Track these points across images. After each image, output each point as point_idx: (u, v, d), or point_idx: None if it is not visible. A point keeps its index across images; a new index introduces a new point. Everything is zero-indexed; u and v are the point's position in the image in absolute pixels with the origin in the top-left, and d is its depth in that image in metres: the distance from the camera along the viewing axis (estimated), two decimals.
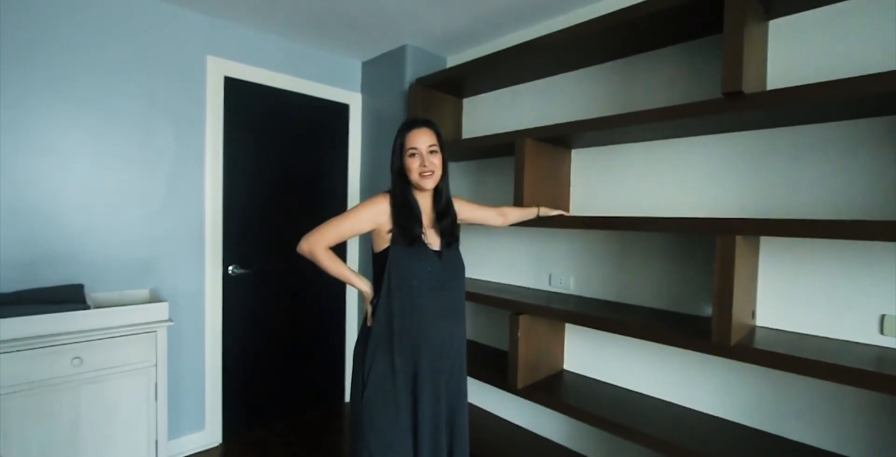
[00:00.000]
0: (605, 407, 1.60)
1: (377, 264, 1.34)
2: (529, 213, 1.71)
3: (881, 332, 1.24)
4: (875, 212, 1.25)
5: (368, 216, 1.30)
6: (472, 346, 2.32)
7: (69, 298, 1.66)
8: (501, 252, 2.26)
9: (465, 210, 1.57)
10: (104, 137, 1.85)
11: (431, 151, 1.32)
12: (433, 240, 1.36)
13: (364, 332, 1.35)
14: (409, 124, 1.35)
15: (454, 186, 2.52)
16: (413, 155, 1.31)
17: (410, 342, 1.28)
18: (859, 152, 1.28)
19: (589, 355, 1.90)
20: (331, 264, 1.31)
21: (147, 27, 1.93)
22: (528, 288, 2.11)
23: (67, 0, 1.74)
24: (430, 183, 1.32)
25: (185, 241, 2.07)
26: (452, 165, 2.54)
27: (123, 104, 1.89)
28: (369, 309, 1.34)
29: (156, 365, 1.67)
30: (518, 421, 2.19)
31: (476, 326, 2.40)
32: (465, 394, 1.43)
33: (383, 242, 1.31)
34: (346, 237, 1.32)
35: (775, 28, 1.42)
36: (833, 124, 1.32)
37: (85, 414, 1.53)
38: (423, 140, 1.31)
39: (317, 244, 1.29)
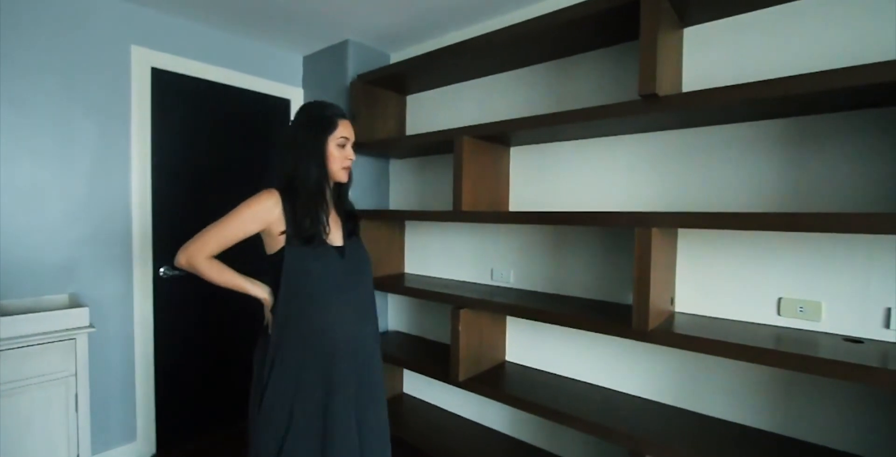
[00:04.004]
0: (543, 395, 1.66)
1: (272, 268, 1.21)
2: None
3: (778, 313, 1.37)
4: (774, 204, 1.38)
5: (255, 216, 1.16)
6: (417, 340, 2.34)
7: None
8: (445, 248, 2.29)
9: None
10: (14, 131, 1.70)
11: (352, 145, 1.30)
12: (335, 235, 1.27)
13: (264, 340, 1.24)
14: (339, 111, 1.28)
15: (398, 183, 2.53)
16: (343, 145, 1.26)
17: (317, 350, 1.19)
18: (761, 151, 1.41)
19: (529, 346, 1.97)
20: (217, 275, 1.19)
21: (65, 14, 1.79)
22: (472, 283, 2.15)
23: None
24: (346, 176, 1.29)
25: (111, 241, 1.95)
26: (396, 163, 2.55)
27: (37, 96, 1.74)
28: (270, 317, 1.24)
29: (75, 374, 1.57)
30: (463, 413, 2.24)
31: (420, 321, 2.42)
32: (380, 394, 1.35)
33: (276, 243, 1.19)
34: (232, 243, 1.18)
35: (690, 35, 1.53)
36: (740, 125, 1.44)
37: None
38: (352, 132, 1.28)
39: (196, 255, 1.15)
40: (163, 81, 2.08)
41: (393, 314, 2.57)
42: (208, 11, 2.04)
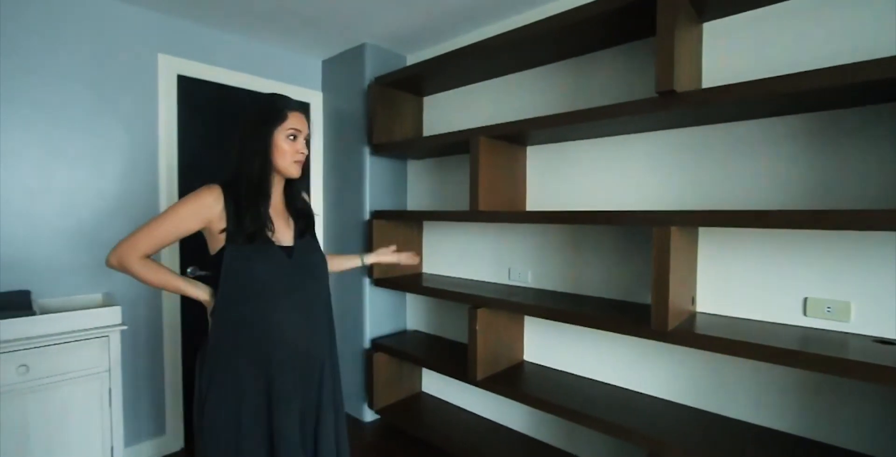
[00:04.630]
0: (561, 395, 1.66)
1: (214, 269, 1.13)
2: (352, 261, 1.55)
3: (804, 313, 1.34)
4: (799, 202, 1.34)
5: (192, 213, 1.09)
6: (435, 339, 2.36)
7: (14, 304, 1.60)
8: (463, 248, 2.30)
9: None
10: (50, 138, 1.79)
11: (306, 139, 1.22)
12: (283, 234, 1.19)
13: (205, 346, 1.15)
14: (291, 104, 1.19)
15: (416, 184, 2.55)
16: (293, 137, 1.17)
17: (259, 356, 1.11)
18: (783, 147, 1.37)
19: (547, 345, 1.97)
20: (151, 276, 1.10)
21: (94, 25, 1.87)
22: (489, 282, 2.15)
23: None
24: (299, 172, 1.21)
25: None
26: (414, 163, 2.57)
27: (70, 104, 1.83)
28: (212, 322, 1.16)
29: (109, 370, 1.64)
30: (481, 412, 2.25)
31: (439, 321, 2.43)
32: (339, 404, 1.28)
33: (217, 242, 1.12)
34: (168, 242, 1.10)
35: (710, 30, 1.50)
36: (761, 121, 1.41)
37: (34, 423, 1.48)
38: (304, 125, 1.20)
39: (128, 255, 1.07)
40: (188, 88, 2.15)
41: (411, 314, 2.59)
42: (231, 19, 2.10)
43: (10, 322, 1.45)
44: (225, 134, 2.30)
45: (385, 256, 1.62)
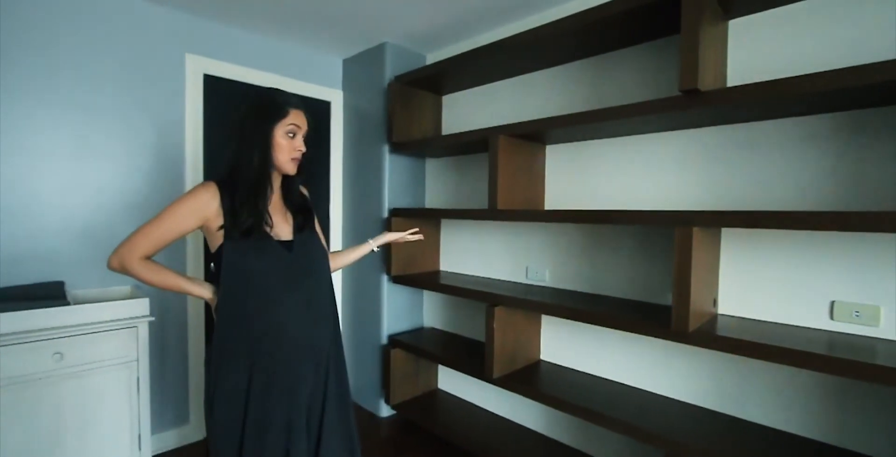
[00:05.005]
0: (579, 395, 1.65)
1: (216, 266, 1.13)
2: (363, 249, 1.52)
3: (831, 317, 1.31)
4: (825, 203, 1.31)
5: (189, 212, 1.09)
6: (451, 337, 2.38)
7: (49, 294, 1.68)
8: (481, 246, 2.30)
9: None
10: (84, 134, 1.86)
11: (304, 136, 1.21)
12: (282, 229, 1.19)
13: (210, 343, 1.16)
14: (292, 100, 1.18)
15: (434, 182, 2.56)
16: (292, 134, 1.17)
17: (263, 350, 1.11)
18: (808, 147, 1.34)
19: (564, 345, 1.96)
20: (153, 276, 1.10)
21: (125, 25, 1.94)
22: (507, 281, 2.16)
23: (45, 0, 1.75)
24: (296, 168, 1.20)
25: None
26: (432, 161, 2.58)
27: (103, 102, 1.90)
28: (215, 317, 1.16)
29: (137, 360, 1.70)
30: (497, 410, 2.25)
31: (456, 318, 2.45)
32: (345, 398, 1.27)
33: (216, 239, 1.12)
34: (167, 242, 1.10)
35: (735, 27, 1.48)
36: (786, 121, 1.38)
37: (67, 408, 1.55)
38: (304, 122, 1.19)
39: (128, 257, 1.07)
40: (214, 87, 2.21)
41: (428, 311, 2.61)
42: (256, 19, 2.14)
43: (46, 312, 1.52)
44: None
45: (392, 235, 1.56)
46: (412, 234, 1.59)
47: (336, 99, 2.67)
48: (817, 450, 1.28)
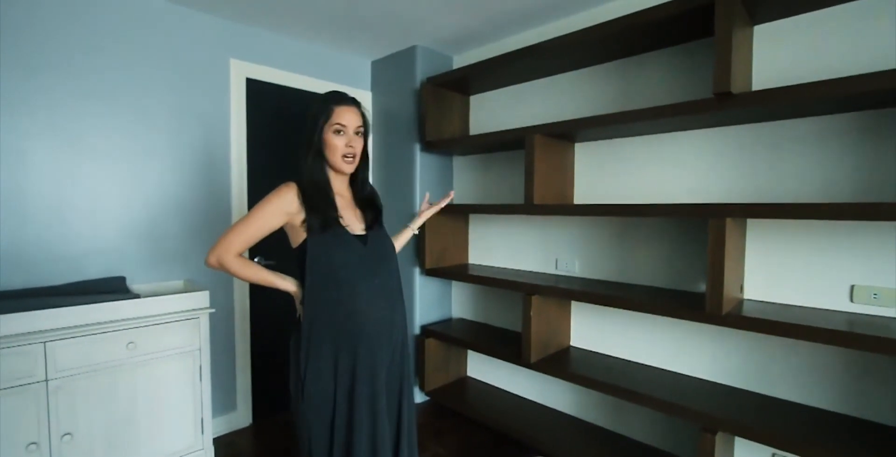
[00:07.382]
0: (612, 376, 1.78)
1: (299, 261, 1.23)
2: (405, 235, 1.63)
3: (851, 300, 1.43)
4: (844, 194, 1.43)
5: (276, 210, 1.18)
6: (481, 326, 2.50)
7: (114, 288, 1.79)
8: (511, 240, 2.42)
9: None
10: (138, 137, 1.96)
11: (357, 133, 1.26)
12: (353, 224, 1.27)
13: (297, 333, 1.25)
14: (337, 98, 1.25)
15: (461, 178, 2.67)
16: (340, 132, 1.23)
17: (346, 337, 1.20)
18: (830, 144, 1.46)
19: (593, 331, 2.08)
20: (247, 272, 1.21)
21: (174, 33, 2.04)
22: (537, 272, 2.27)
23: (101, 9, 1.84)
24: (350, 167, 1.26)
25: (214, 233, 2.19)
26: (459, 159, 2.69)
27: (155, 107, 2.00)
28: (301, 309, 1.25)
29: (199, 349, 1.81)
30: (527, 395, 2.38)
31: (484, 309, 2.56)
32: (410, 380, 1.38)
33: (299, 235, 1.21)
34: (257, 239, 1.20)
35: (760, 33, 1.59)
36: (809, 119, 1.49)
37: (141, 394, 1.67)
38: (351, 119, 1.24)
39: (225, 254, 1.17)
40: (255, 90, 2.31)
41: (457, 302, 2.73)
42: (292, 24, 2.24)
43: (118, 304, 1.63)
44: (286, 134, 2.45)
45: (426, 213, 1.64)
46: (444, 199, 1.66)
47: (364, 99, 2.77)
48: (840, 421, 1.40)
